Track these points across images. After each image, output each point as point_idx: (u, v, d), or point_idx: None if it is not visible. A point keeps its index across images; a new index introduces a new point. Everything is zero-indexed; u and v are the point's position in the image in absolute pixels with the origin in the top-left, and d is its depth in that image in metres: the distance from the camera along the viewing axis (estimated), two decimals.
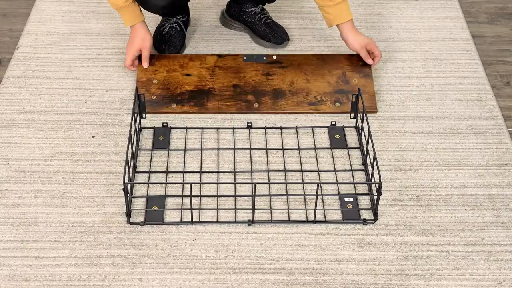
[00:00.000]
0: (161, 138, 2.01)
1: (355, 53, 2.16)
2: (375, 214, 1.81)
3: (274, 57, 2.18)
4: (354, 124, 2.06)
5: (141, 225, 1.79)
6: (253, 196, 1.75)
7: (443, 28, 2.42)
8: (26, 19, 2.46)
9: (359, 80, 2.13)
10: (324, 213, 1.82)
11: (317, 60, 2.18)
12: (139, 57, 2.17)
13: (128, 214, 1.78)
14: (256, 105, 2.10)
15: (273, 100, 2.11)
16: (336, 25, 2.13)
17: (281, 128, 2.05)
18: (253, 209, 1.77)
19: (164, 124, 2.04)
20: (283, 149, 1.99)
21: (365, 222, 1.80)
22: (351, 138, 2.03)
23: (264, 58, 2.18)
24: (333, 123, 2.04)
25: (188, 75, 2.15)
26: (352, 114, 2.07)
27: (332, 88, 2.13)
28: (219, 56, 2.19)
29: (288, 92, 2.12)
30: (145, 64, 2.15)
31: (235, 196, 1.84)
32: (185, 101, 2.10)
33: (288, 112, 2.09)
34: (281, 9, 2.49)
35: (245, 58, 2.18)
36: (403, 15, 2.48)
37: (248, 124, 2.05)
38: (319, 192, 1.85)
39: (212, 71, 2.16)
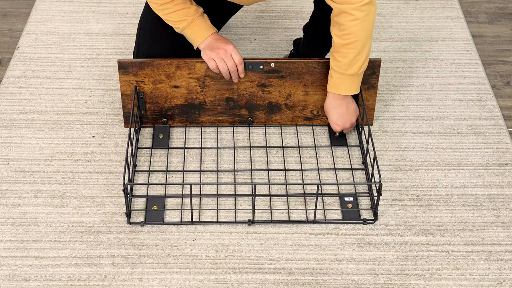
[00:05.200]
0: (161, 136, 2.01)
1: None
2: (375, 214, 1.81)
3: (273, 65, 1.94)
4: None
5: (141, 225, 1.78)
6: (253, 196, 1.75)
7: (443, 28, 2.42)
8: (26, 19, 2.45)
9: (363, 91, 1.98)
10: (324, 213, 1.82)
11: (320, 68, 1.95)
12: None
13: (128, 214, 1.78)
14: (249, 119, 2.02)
15: (267, 115, 2.01)
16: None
17: (281, 126, 2.05)
18: (253, 209, 1.77)
19: (164, 121, 2.03)
20: (283, 147, 1.99)
21: (365, 222, 1.80)
22: (351, 137, 2.03)
23: (261, 67, 1.94)
24: None
25: (176, 87, 1.96)
26: None
27: None
28: None
29: (284, 106, 2.00)
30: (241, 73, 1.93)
31: (235, 196, 1.84)
32: (175, 116, 2.01)
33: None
34: (281, 9, 2.49)
35: None
36: (403, 15, 2.48)
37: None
38: (319, 192, 1.85)
39: (203, 82, 1.95)
